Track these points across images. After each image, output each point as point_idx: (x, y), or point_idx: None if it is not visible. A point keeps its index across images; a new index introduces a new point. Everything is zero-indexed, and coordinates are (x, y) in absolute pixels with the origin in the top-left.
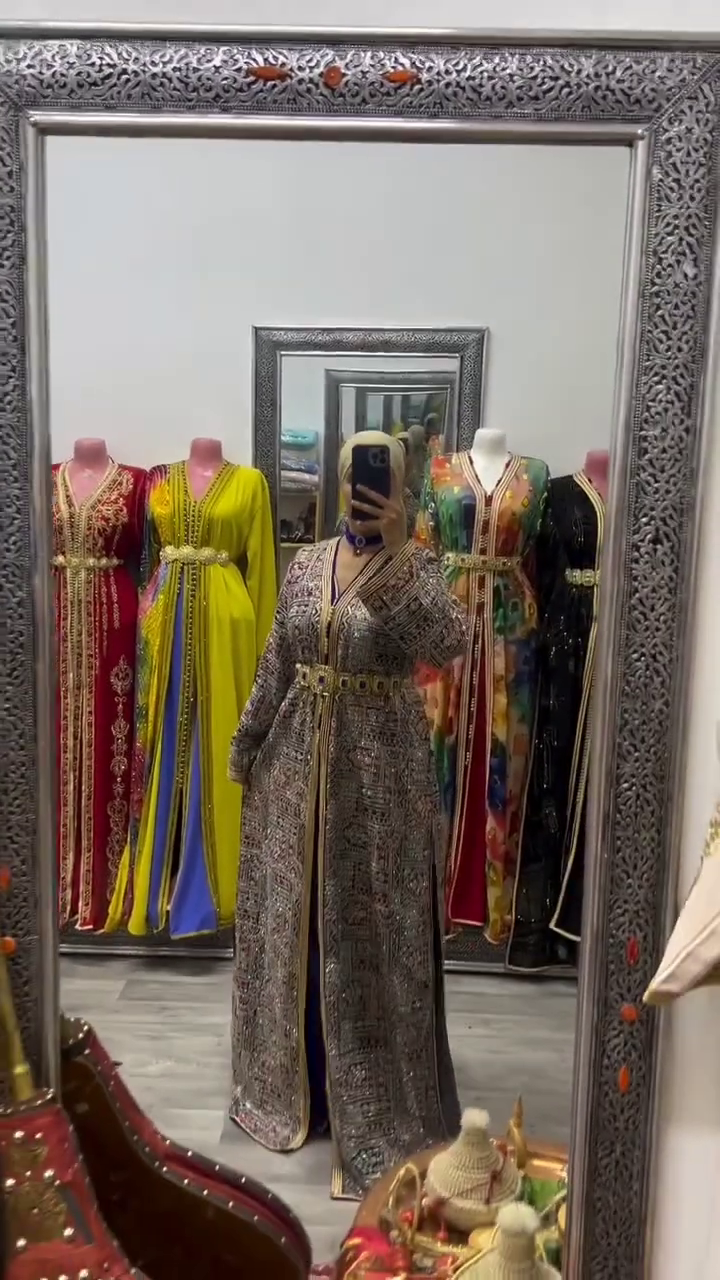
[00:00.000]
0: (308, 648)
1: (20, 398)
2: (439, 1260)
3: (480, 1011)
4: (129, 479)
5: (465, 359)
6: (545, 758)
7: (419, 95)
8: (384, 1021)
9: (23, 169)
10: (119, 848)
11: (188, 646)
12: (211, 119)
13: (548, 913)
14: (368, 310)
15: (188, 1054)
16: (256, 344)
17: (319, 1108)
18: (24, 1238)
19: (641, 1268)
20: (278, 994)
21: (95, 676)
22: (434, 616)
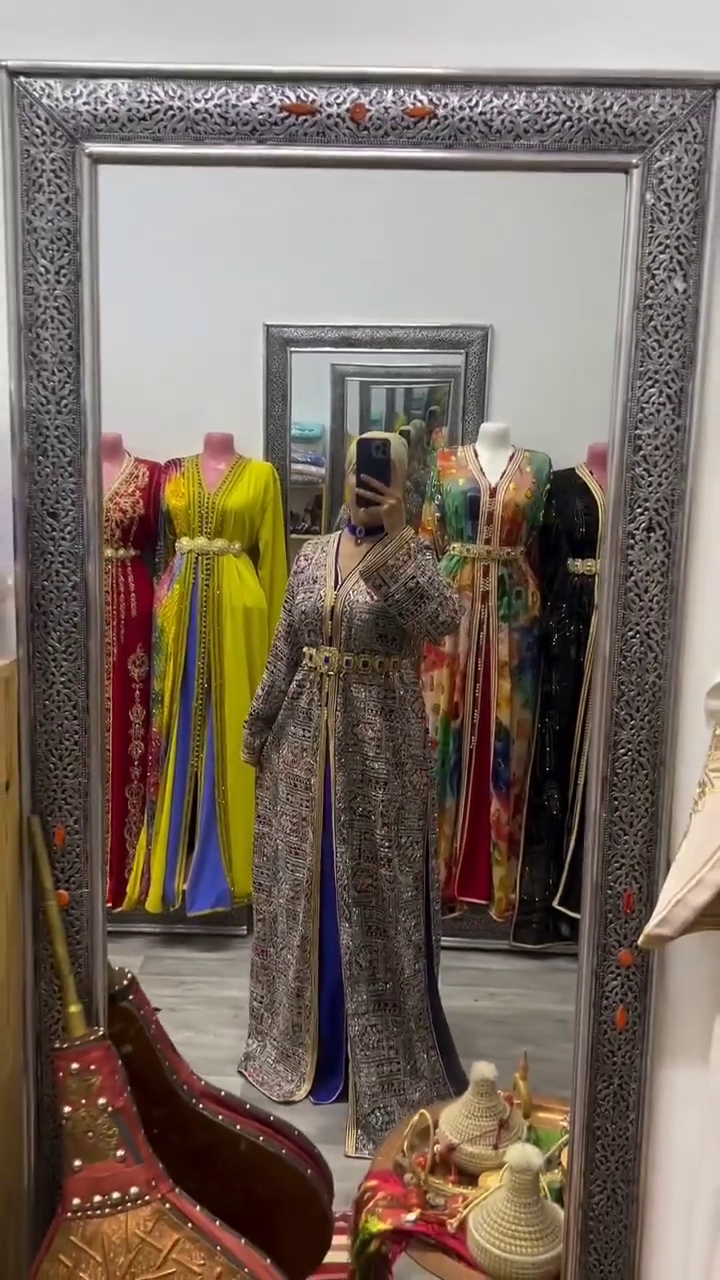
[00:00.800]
0: (314, 630)
1: (75, 401)
2: (450, 1199)
3: (486, 985)
4: (145, 472)
5: (470, 355)
6: (548, 741)
7: (436, 128)
8: (393, 984)
9: (79, 195)
10: (136, 829)
11: (202, 634)
12: (248, 150)
13: (551, 892)
14: (375, 308)
15: (205, 1025)
16: (268, 341)
17: (327, 1068)
18: (80, 1158)
19: (638, 1189)
20: (293, 958)
21: (113, 664)
22: (430, 594)
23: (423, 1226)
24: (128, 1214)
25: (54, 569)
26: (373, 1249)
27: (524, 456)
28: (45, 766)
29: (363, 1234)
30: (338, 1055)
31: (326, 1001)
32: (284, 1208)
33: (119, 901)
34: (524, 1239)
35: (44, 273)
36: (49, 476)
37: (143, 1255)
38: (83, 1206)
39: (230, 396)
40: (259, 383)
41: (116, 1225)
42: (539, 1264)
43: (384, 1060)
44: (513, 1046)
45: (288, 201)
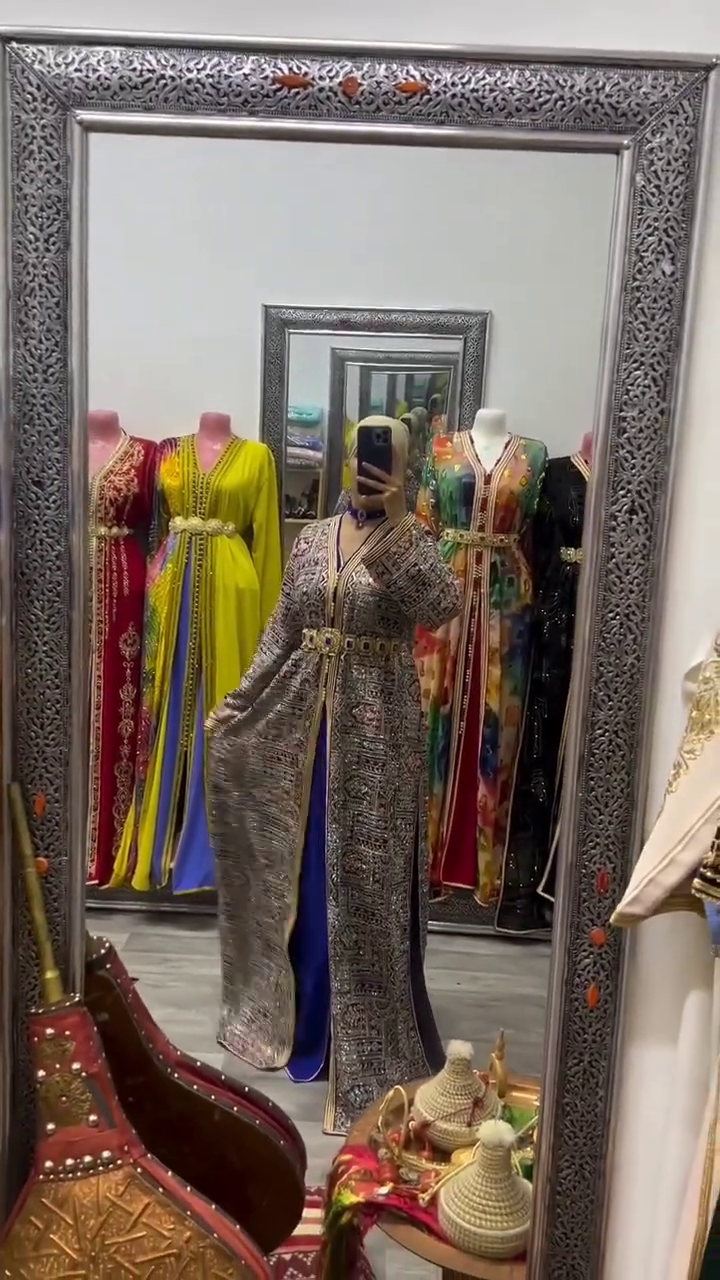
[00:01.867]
0: (315, 612)
1: (62, 369)
2: (423, 1175)
3: (469, 969)
4: (140, 450)
5: (468, 341)
6: (536, 729)
7: (428, 104)
8: (379, 965)
9: (69, 162)
10: (124, 807)
11: (194, 615)
12: (240, 121)
13: (535, 878)
14: (374, 291)
15: (188, 1002)
16: (266, 322)
17: (310, 1045)
18: (53, 1122)
19: (605, 1164)
20: (272, 925)
21: (104, 642)
22: (432, 581)
23: (395, 1200)
24: (99, 1178)
25: (38, 538)
26: (345, 1221)
27: (520, 444)
28: (26, 735)
29: (335, 1206)
30: (320, 1032)
31: (311, 978)
32: (257, 1178)
33: (106, 878)
34: (494, 1214)
35: (33, 240)
36: (35, 445)
37: (113, 1218)
38: (55, 1170)
39: (227, 377)
40: (256, 364)
41: (88, 1188)
42: (508, 1238)
43: (365, 1039)
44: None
45: (288, 182)
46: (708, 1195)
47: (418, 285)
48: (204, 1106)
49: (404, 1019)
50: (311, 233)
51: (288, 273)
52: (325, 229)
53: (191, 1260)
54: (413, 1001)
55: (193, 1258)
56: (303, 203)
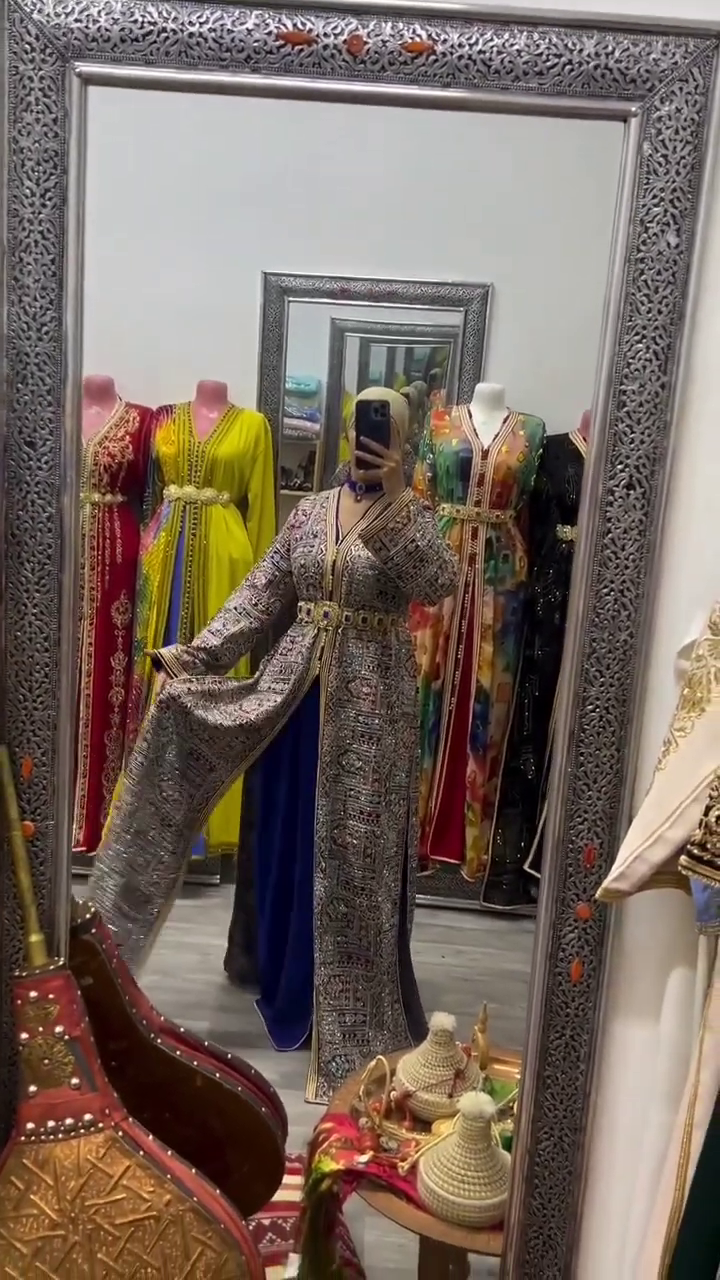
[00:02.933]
0: (313, 585)
1: (56, 328)
2: (403, 1144)
3: (454, 943)
4: (135, 417)
5: (469, 313)
6: (527, 706)
7: (434, 65)
8: (366, 938)
9: (67, 115)
10: (114, 775)
11: (187, 584)
12: (242, 78)
13: (522, 854)
14: (375, 260)
15: (174, 969)
16: (265, 289)
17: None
18: (35, 1084)
19: (584, 1136)
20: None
21: (96, 609)
22: (429, 557)
23: (374, 1168)
24: (80, 1140)
25: (29, 499)
26: (324, 1188)
27: (518, 420)
28: (15, 698)
29: (315, 1173)
30: (305, 1002)
31: (297, 947)
32: (237, 1143)
33: (94, 844)
34: (473, 1184)
35: (29, 195)
36: (28, 405)
37: (94, 1180)
38: (36, 1131)
39: (225, 345)
40: (255, 332)
41: (69, 1150)
42: (485, 1208)
43: (347, 1010)
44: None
45: (290, 147)
46: (685, 1168)
47: (419, 255)
48: (186, 1072)
49: (389, 991)
50: (312, 199)
51: (288, 239)
52: (327, 196)
53: (171, 1223)
54: (398, 974)
55: (172, 1220)
56: (304, 169)
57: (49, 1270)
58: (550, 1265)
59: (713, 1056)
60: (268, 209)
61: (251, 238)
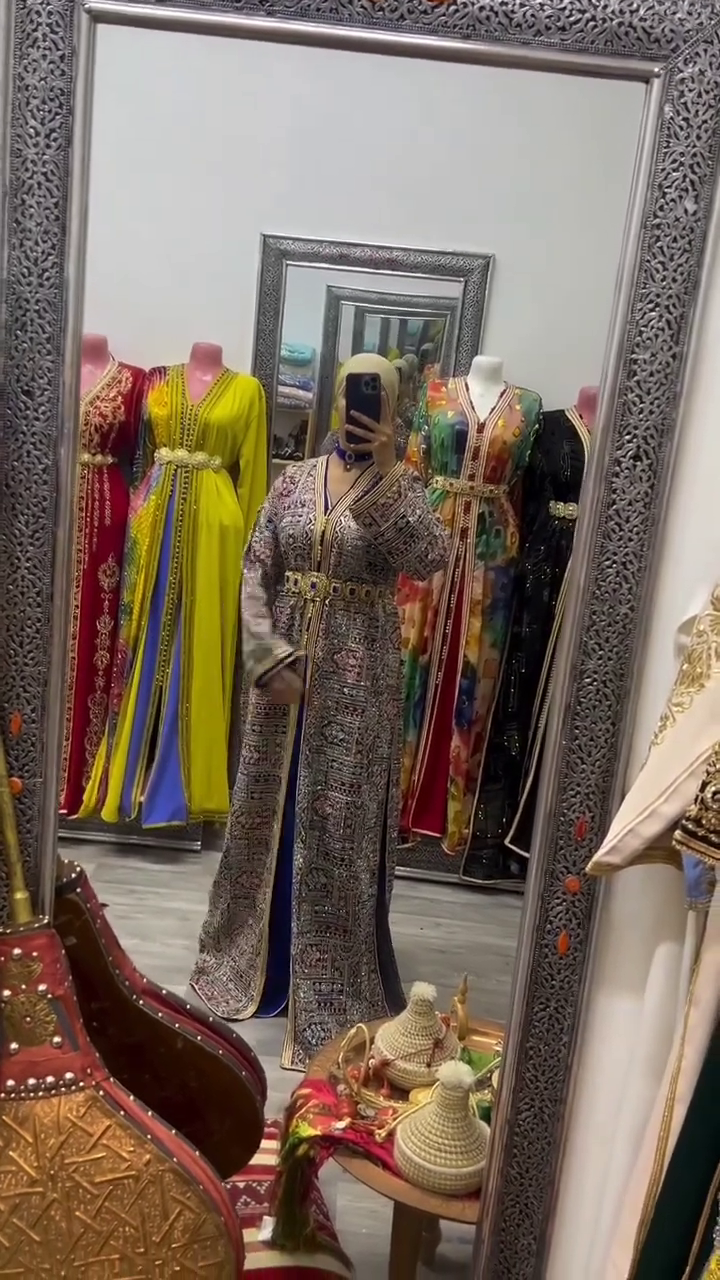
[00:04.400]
0: (301, 555)
1: (58, 275)
2: (380, 1111)
3: (433, 915)
4: (128, 377)
5: (469, 284)
6: (513, 683)
7: (454, 16)
8: (345, 908)
9: (75, 53)
10: (97, 739)
11: (176, 549)
12: (256, 21)
13: (503, 830)
14: (376, 227)
15: (153, 934)
16: (264, 252)
17: (275, 983)
18: (17, 1042)
19: (564, 1109)
20: (262, 881)
21: (83, 572)
22: (420, 533)
23: (351, 1134)
24: (61, 1098)
25: (25, 449)
26: (301, 1152)
27: (515, 394)
28: (5, 653)
29: (292, 1138)
30: (285, 972)
31: (281, 921)
32: (216, 1106)
33: (75, 809)
34: (449, 1152)
35: (33, 135)
36: (26, 353)
37: (73, 1139)
38: (16, 1088)
39: (222, 306)
40: (252, 295)
41: (49, 1108)
42: (461, 1176)
43: (323, 980)
44: (454, 975)
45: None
46: (665, 1140)
47: (421, 223)
48: (168, 1034)
49: (367, 961)
50: (315, 163)
51: (289, 202)
52: (330, 160)
53: (150, 1182)
54: (376, 944)
55: (151, 1180)
56: (309, 132)
57: (26, 1227)
58: (526, 1234)
59: (697, 1031)
60: (269, 171)
61: (251, 199)
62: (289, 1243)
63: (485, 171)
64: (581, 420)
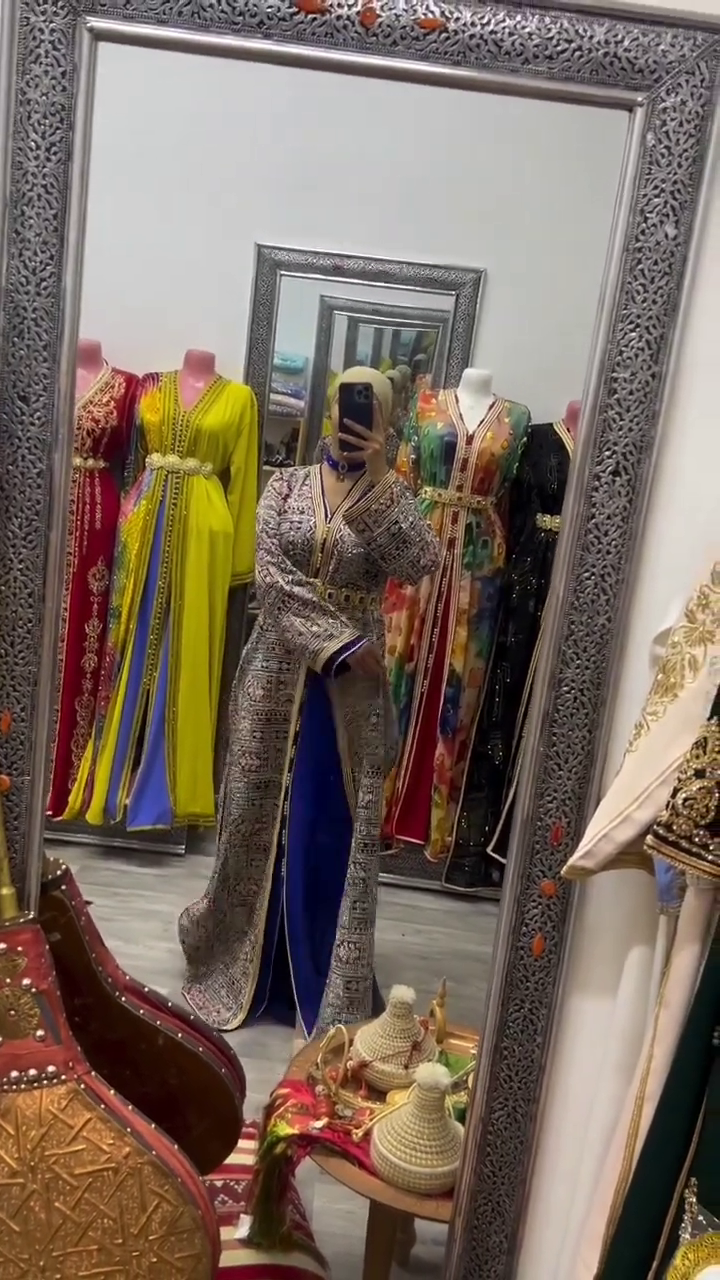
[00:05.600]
0: (299, 562)
1: (55, 284)
2: (358, 1111)
3: (414, 922)
4: (121, 382)
5: (461, 298)
6: (498, 692)
7: (445, 43)
8: (371, 901)
9: (76, 70)
10: (83, 741)
11: (165, 554)
12: (253, 43)
13: (486, 838)
14: (370, 239)
15: (136, 936)
16: (258, 262)
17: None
18: (0, 1034)
19: (537, 1109)
20: (260, 888)
21: (73, 575)
22: (412, 538)
23: (328, 1134)
24: (43, 1091)
25: (20, 454)
26: (279, 1151)
27: (504, 407)
28: None
29: (271, 1136)
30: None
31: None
32: (196, 1102)
33: (60, 810)
34: (425, 1151)
35: (34, 148)
36: (23, 360)
37: (54, 1131)
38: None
39: (215, 315)
40: (246, 304)
41: (31, 1101)
42: (436, 1175)
43: (353, 977)
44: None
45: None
46: (634, 1138)
47: (415, 236)
48: (149, 1030)
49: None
50: (310, 174)
51: (284, 212)
52: (325, 171)
53: (129, 1175)
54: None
55: (130, 1172)
56: (305, 143)
57: (6, 1217)
58: (497, 1231)
59: (667, 1032)
60: (264, 181)
61: (246, 209)
62: (265, 1241)
63: (478, 187)
64: (569, 434)
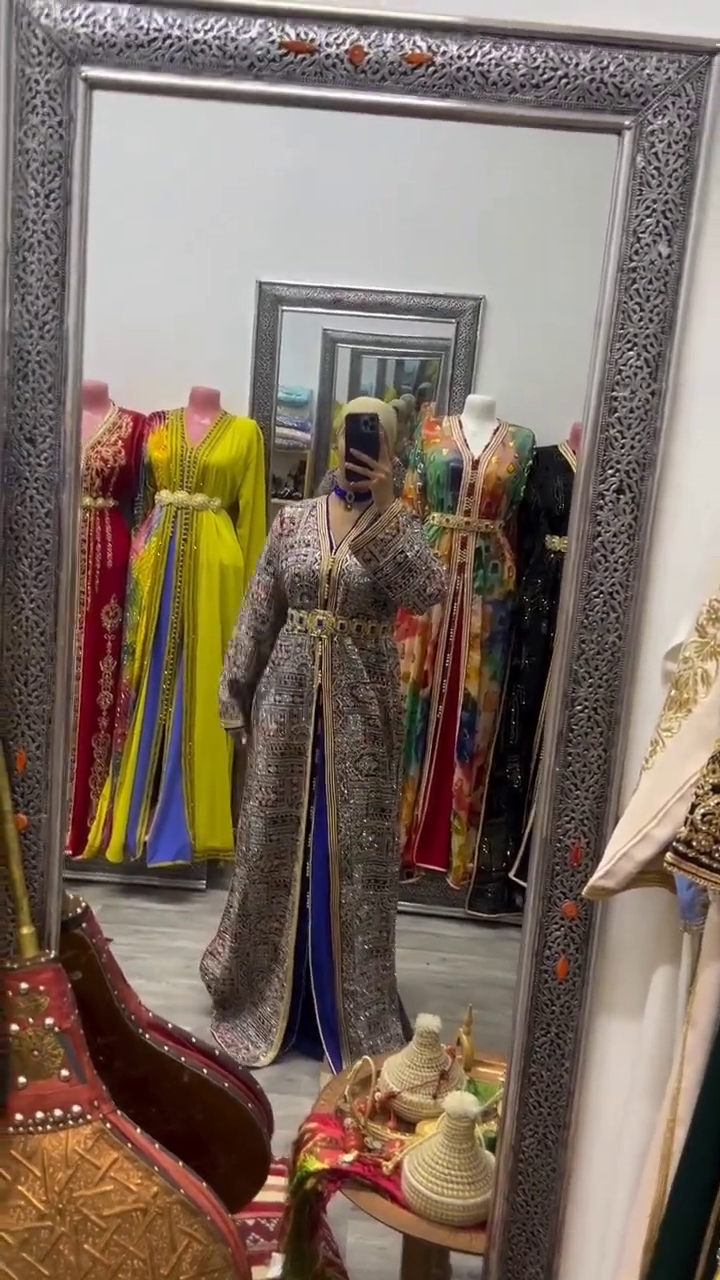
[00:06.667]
0: (307, 594)
1: (58, 327)
2: (387, 1144)
3: (439, 950)
4: (128, 422)
5: (461, 325)
6: (513, 715)
7: (433, 76)
8: (386, 930)
9: (72, 119)
10: (101, 779)
11: (177, 589)
12: (245, 85)
13: (508, 863)
14: (369, 271)
15: (159, 974)
16: (259, 298)
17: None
18: (25, 1075)
19: (568, 1134)
20: (283, 925)
21: (86, 613)
22: (418, 568)
23: (359, 1167)
24: (69, 1132)
25: (28, 495)
26: (309, 1187)
27: (508, 431)
28: (10, 691)
29: (300, 1172)
30: (303, 1013)
31: (310, 966)
32: (223, 1139)
33: (80, 849)
34: (456, 1183)
35: (34, 196)
36: (28, 402)
37: (81, 1172)
38: (25, 1122)
39: (219, 352)
40: (248, 340)
41: (57, 1142)
42: (469, 1207)
43: (371, 1006)
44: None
45: (286, 157)
46: (667, 1162)
47: (412, 267)
48: (173, 1067)
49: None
50: (308, 210)
51: (283, 249)
52: (322, 207)
53: (158, 1215)
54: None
55: (159, 1212)
56: (301, 180)
57: (35, 1261)
58: (533, 1263)
59: (696, 1052)
60: (263, 218)
61: (247, 247)
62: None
63: (473, 215)
64: (574, 455)
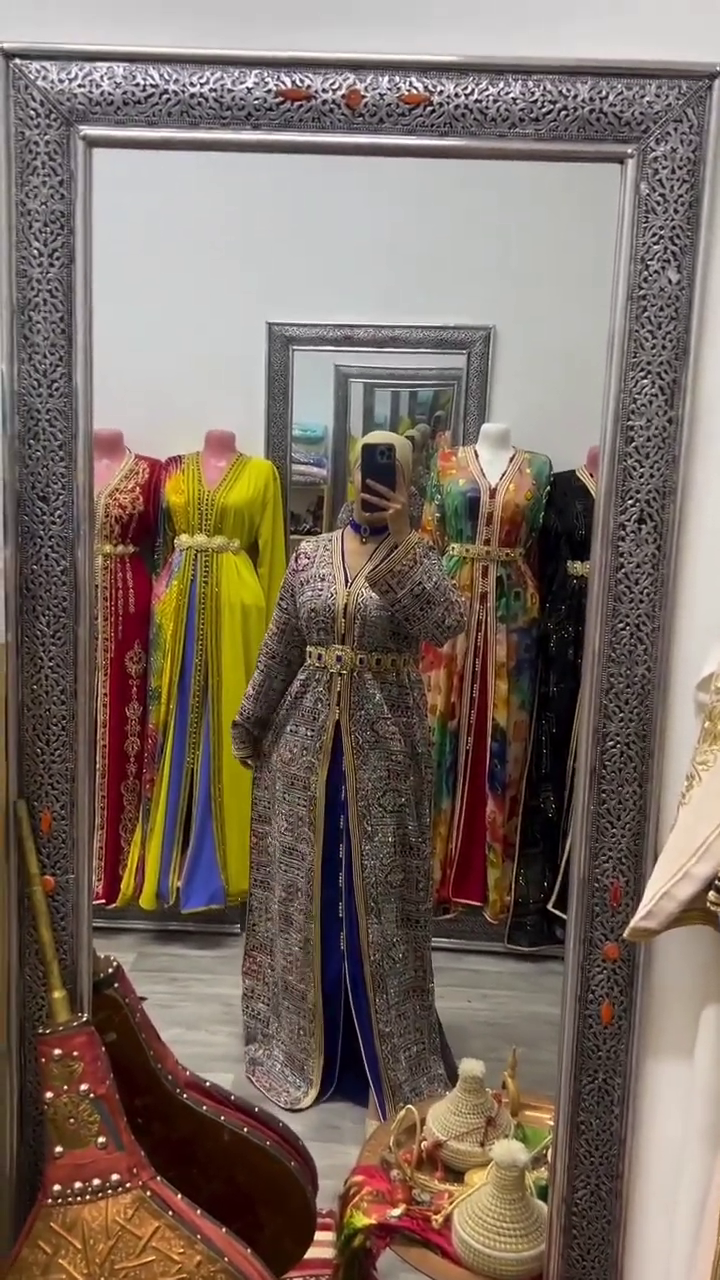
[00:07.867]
0: (324, 629)
1: (67, 384)
2: (436, 1196)
3: (479, 987)
4: (145, 468)
5: (472, 356)
6: (544, 744)
7: (431, 116)
8: (423, 969)
9: (73, 178)
10: (131, 825)
11: (200, 632)
12: (243, 135)
13: (545, 894)
14: (378, 307)
15: (197, 1021)
16: (270, 339)
17: (331, 1066)
18: (61, 1145)
19: (621, 1184)
20: (294, 961)
21: (110, 660)
22: (436, 599)
23: (407, 1222)
24: (108, 1201)
25: (43, 553)
26: (357, 1244)
27: (524, 458)
28: (32, 751)
29: (347, 1228)
30: (343, 1051)
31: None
32: (266, 1199)
33: (113, 898)
34: (509, 1235)
35: (37, 255)
36: (40, 460)
37: (123, 1242)
38: (63, 1193)
39: (232, 394)
40: (261, 381)
41: (97, 1212)
42: (523, 1260)
43: (410, 1047)
44: (504, 1048)
45: (291, 198)
46: None
47: (421, 300)
48: (213, 1127)
49: (435, 1016)
50: (315, 248)
51: (291, 289)
52: (328, 245)
53: None
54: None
55: None
56: (306, 219)
57: None
58: None
59: None
60: (271, 260)
61: (255, 289)
62: None
63: (480, 246)
64: (592, 479)
